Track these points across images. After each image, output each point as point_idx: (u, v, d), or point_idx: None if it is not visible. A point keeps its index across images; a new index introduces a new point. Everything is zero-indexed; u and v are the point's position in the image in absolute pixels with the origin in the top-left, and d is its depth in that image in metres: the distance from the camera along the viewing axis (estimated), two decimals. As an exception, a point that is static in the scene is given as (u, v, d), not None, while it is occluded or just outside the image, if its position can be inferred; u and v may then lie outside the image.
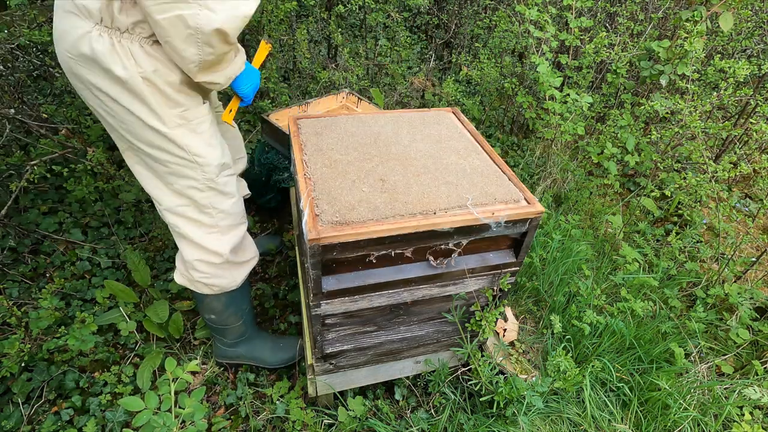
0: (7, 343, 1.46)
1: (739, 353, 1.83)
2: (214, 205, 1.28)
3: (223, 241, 1.33)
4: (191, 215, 1.28)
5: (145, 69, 1.04)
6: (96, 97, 1.09)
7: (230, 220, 1.33)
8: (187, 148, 1.17)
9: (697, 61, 2.06)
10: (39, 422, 1.45)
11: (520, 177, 2.53)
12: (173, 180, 1.22)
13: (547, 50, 2.16)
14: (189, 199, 1.25)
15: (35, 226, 1.95)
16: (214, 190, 1.26)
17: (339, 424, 1.49)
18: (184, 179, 1.22)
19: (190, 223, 1.29)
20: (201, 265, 1.34)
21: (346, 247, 1.02)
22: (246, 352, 1.62)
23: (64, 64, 1.07)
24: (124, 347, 1.70)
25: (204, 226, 1.30)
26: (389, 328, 1.32)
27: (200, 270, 1.34)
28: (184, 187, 1.23)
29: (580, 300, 1.77)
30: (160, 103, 1.09)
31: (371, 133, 1.37)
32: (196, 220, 1.28)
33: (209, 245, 1.31)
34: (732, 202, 2.58)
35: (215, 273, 1.36)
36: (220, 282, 1.38)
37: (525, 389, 1.36)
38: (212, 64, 1.05)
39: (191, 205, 1.26)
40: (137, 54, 1.03)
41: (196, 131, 1.18)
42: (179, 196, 1.25)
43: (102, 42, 1.00)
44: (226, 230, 1.33)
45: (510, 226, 1.13)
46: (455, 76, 3.40)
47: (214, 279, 1.37)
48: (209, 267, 1.34)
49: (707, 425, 1.50)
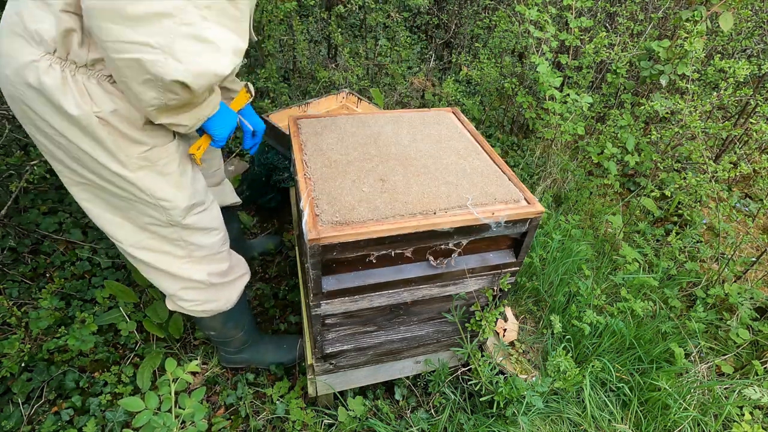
0: (7, 343, 1.46)
1: (739, 353, 1.83)
2: (183, 238, 1.16)
3: (199, 269, 1.23)
4: (159, 248, 1.16)
5: (102, 109, 0.92)
6: (41, 130, 0.96)
7: (205, 252, 1.22)
8: (149, 191, 1.04)
9: (697, 61, 2.06)
10: (39, 422, 1.45)
11: (520, 177, 2.53)
12: (134, 215, 1.10)
13: (547, 50, 2.16)
14: (153, 233, 1.14)
15: (35, 226, 1.95)
16: (182, 227, 1.14)
17: (339, 424, 1.49)
18: (147, 216, 1.10)
19: (160, 255, 1.17)
20: (186, 293, 1.25)
21: (346, 247, 1.02)
22: (250, 357, 1.62)
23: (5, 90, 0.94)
24: (124, 347, 1.70)
25: (176, 257, 1.19)
26: (389, 328, 1.32)
27: (187, 299, 1.26)
28: (147, 223, 1.11)
29: (580, 300, 1.77)
30: (118, 145, 0.96)
31: (371, 133, 1.37)
32: (167, 252, 1.17)
33: (186, 274, 1.21)
34: (732, 202, 2.58)
35: (205, 298, 1.28)
36: (213, 306, 1.31)
37: (525, 389, 1.36)
38: (176, 108, 0.93)
39: (156, 238, 1.15)
40: (94, 92, 0.91)
41: (162, 173, 1.04)
42: (142, 230, 1.13)
43: (52, 75, 0.88)
44: (201, 259, 1.23)
45: (510, 226, 1.13)
46: (455, 76, 3.40)
47: (206, 304, 1.30)
48: (195, 293, 1.26)
49: (707, 425, 1.50)
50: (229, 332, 1.48)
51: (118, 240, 1.14)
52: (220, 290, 1.31)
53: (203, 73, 0.85)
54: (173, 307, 1.32)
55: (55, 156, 1.02)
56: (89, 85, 0.91)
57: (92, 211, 1.10)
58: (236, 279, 1.37)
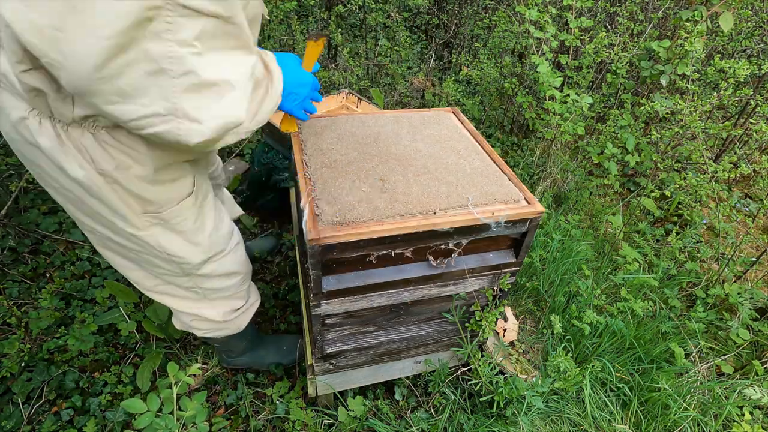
0: (7, 343, 1.46)
1: (739, 353, 1.83)
2: (199, 285, 1.14)
3: (215, 310, 1.23)
4: (175, 293, 1.16)
5: (104, 167, 0.82)
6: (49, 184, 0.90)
7: (222, 294, 1.22)
8: (162, 249, 0.99)
9: (697, 61, 2.06)
10: (39, 422, 1.45)
11: (520, 177, 2.53)
12: (148, 266, 1.07)
13: (547, 50, 2.16)
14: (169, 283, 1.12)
15: (35, 226, 1.95)
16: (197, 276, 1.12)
17: (339, 424, 1.49)
18: (160, 268, 1.07)
19: (176, 299, 1.17)
20: (198, 324, 1.26)
21: (346, 247, 1.02)
22: (251, 359, 1.62)
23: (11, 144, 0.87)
24: (124, 347, 1.70)
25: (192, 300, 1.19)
26: (389, 328, 1.32)
27: (200, 328, 1.27)
28: (161, 273, 1.09)
29: (580, 300, 1.77)
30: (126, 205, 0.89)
31: (371, 133, 1.37)
32: (182, 297, 1.17)
33: (201, 314, 1.22)
34: (732, 202, 2.59)
35: (217, 328, 1.30)
36: (222, 333, 1.34)
37: (525, 389, 1.36)
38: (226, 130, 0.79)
39: (171, 286, 1.13)
40: (91, 149, 0.81)
41: (175, 230, 0.99)
42: (156, 277, 1.11)
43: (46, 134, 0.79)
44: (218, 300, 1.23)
45: (510, 226, 1.13)
46: (455, 76, 3.40)
47: (217, 333, 1.32)
48: (208, 325, 1.27)
49: (707, 425, 1.50)
50: (232, 344, 1.50)
51: (134, 282, 1.13)
52: (232, 321, 1.33)
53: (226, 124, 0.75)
54: (181, 327, 1.33)
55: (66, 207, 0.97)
56: (85, 143, 0.81)
57: (106, 254, 1.07)
58: (248, 308, 1.38)
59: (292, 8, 2.58)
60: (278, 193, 2.19)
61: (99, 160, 0.82)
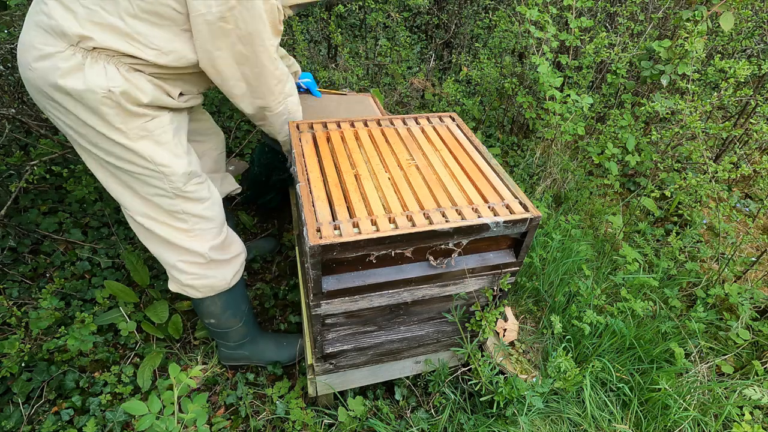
0: (7, 343, 1.46)
1: (739, 353, 1.83)
2: (185, 210, 1.25)
3: (201, 241, 1.30)
4: (163, 219, 1.24)
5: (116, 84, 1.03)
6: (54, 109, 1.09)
7: (205, 224, 1.30)
8: (151, 158, 1.14)
9: (697, 61, 2.06)
10: (39, 422, 1.45)
11: (520, 177, 2.53)
12: (138, 187, 1.19)
13: (548, 50, 2.16)
14: (157, 205, 1.22)
15: (35, 226, 1.95)
16: (183, 197, 1.23)
17: (339, 424, 1.49)
18: (151, 187, 1.19)
19: (163, 226, 1.25)
20: (185, 266, 1.31)
21: (346, 247, 1.02)
22: (250, 353, 1.62)
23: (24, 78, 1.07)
24: (124, 347, 1.70)
25: (178, 229, 1.26)
26: (389, 328, 1.32)
27: (186, 271, 1.32)
28: (151, 194, 1.20)
29: (580, 300, 1.77)
30: (119, 117, 1.07)
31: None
32: (169, 224, 1.25)
33: (187, 246, 1.28)
34: (732, 202, 2.58)
35: (203, 273, 1.34)
36: (210, 282, 1.36)
37: (525, 389, 1.36)
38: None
39: (160, 210, 1.23)
40: (111, 73, 1.03)
41: (158, 142, 1.15)
42: (147, 202, 1.22)
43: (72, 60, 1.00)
44: (203, 233, 1.30)
45: (510, 226, 1.13)
46: (455, 76, 3.40)
47: (203, 279, 1.35)
48: (194, 267, 1.32)
49: (707, 425, 1.50)
50: (228, 321, 1.50)
51: (127, 207, 1.24)
52: (217, 267, 1.36)
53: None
54: (174, 287, 1.37)
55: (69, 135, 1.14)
56: (108, 67, 1.02)
57: (104, 182, 1.22)
58: (233, 258, 1.41)
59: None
60: (278, 193, 2.19)
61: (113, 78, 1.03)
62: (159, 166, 1.15)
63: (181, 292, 1.38)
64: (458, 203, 1.14)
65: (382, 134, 1.37)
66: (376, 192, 1.14)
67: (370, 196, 1.12)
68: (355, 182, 1.17)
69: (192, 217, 1.26)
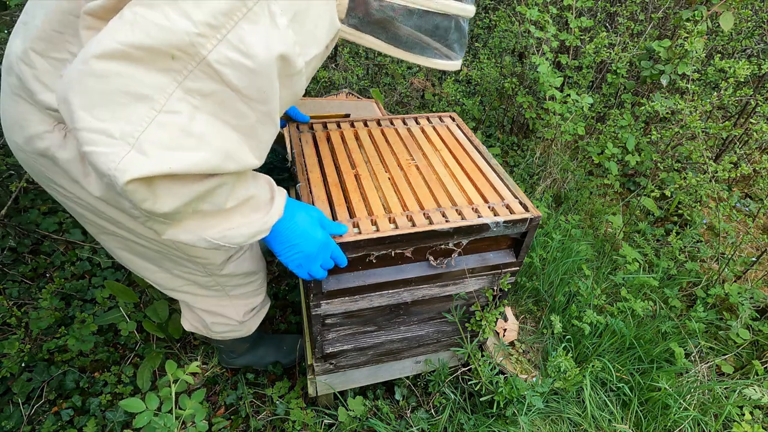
0: (7, 343, 1.46)
1: (739, 353, 1.83)
2: (221, 284, 1.15)
3: (238, 307, 1.25)
4: (198, 292, 1.17)
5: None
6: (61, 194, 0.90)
7: (243, 290, 1.23)
8: (184, 250, 1.00)
9: (697, 60, 2.06)
10: (39, 422, 1.45)
11: (520, 177, 2.53)
12: (170, 266, 1.07)
13: (548, 50, 2.16)
14: (191, 282, 1.13)
15: (35, 226, 1.95)
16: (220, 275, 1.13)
17: (339, 424, 1.49)
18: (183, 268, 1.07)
19: (199, 298, 1.18)
20: (218, 326, 1.28)
21: (346, 247, 1.02)
22: (251, 359, 1.62)
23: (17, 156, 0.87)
24: (124, 347, 1.70)
25: (214, 298, 1.20)
26: (389, 328, 1.32)
27: (217, 331, 1.29)
28: (184, 272, 1.09)
29: (580, 300, 1.77)
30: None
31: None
32: (204, 296, 1.18)
33: (224, 312, 1.24)
34: (732, 202, 2.58)
35: (232, 329, 1.32)
36: (235, 335, 1.35)
37: (525, 389, 1.36)
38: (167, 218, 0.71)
39: (194, 285, 1.14)
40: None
41: None
42: (179, 278, 1.12)
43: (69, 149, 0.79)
44: (240, 298, 1.24)
45: (510, 226, 1.13)
46: (455, 76, 3.40)
47: (230, 334, 1.33)
48: (225, 327, 1.29)
49: (707, 425, 1.50)
50: (237, 344, 1.50)
51: (156, 283, 1.13)
52: (246, 323, 1.34)
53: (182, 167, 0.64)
54: (190, 328, 1.33)
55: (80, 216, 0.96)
56: None
57: (126, 257, 1.06)
58: (260, 310, 1.39)
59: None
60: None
61: None
62: (193, 257, 1.03)
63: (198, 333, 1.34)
64: (458, 203, 1.14)
65: (382, 134, 1.37)
66: (376, 192, 1.14)
67: (370, 196, 1.12)
68: (355, 182, 1.16)
69: (228, 287, 1.18)
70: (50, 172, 0.85)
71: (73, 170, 0.82)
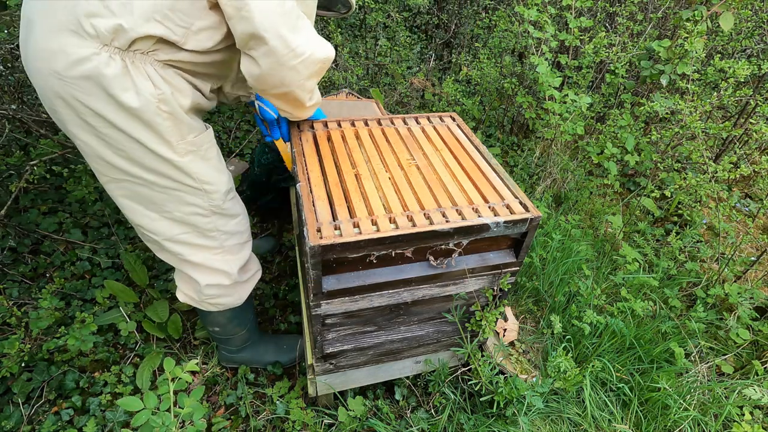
0: (7, 343, 1.46)
1: (739, 353, 1.83)
2: (218, 228, 1.23)
3: (230, 261, 1.29)
4: (195, 241, 1.22)
5: (164, 91, 0.98)
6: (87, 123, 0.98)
7: (236, 239, 1.29)
8: (196, 176, 1.11)
9: (697, 60, 2.06)
10: (39, 422, 1.45)
11: (520, 177, 2.54)
12: (173, 207, 1.14)
13: (547, 50, 2.16)
14: (190, 225, 1.19)
15: (35, 226, 1.95)
16: (219, 214, 1.21)
17: (339, 424, 1.49)
18: (187, 206, 1.15)
19: (195, 248, 1.23)
20: (210, 289, 1.31)
21: (347, 248, 1.02)
22: (250, 356, 1.62)
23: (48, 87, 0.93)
24: (124, 347, 1.70)
25: (209, 249, 1.25)
26: (389, 328, 1.32)
27: (208, 293, 1.31)
28: (186, 214, 1.16)
29: (580, 300, 1.77)
30: (173, 131, 1.03)
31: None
32: (200, 245, 1.23)
33: (217, 266, 1.27)
34: (732, 202, 2.58)
35: (223, 293, 1.34)
36: (226, 300, 1.36)
37: (525, 389, 1.36)
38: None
39: (193, 232, 1.20)
40: (154, 76, 0.97)
41: (204, 158, 1.12)
42: (179, 224, 1.18)
43: (113, 66, 0.91)
44: (233, 250, 1.29)
45: (510, 226, 1.13)
46: (455, 76, 3.40)
47: (221, 299, 1.35)
48: (217, 289, 1.32)
49: (707, 425, 1.50)
50: (232, 329, 1.50)
51: (154, 233, 1.18)
52: (236, 287, 1.36)
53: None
54: (184, 299, 1.36)
55: (97, 153, 1.03)
56: (148, 71, 0.95)
57: (129, 206, 1.14)
58: (251, 277, 1.41)
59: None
60: (278, 193, 2.18)
61: (160, 85, 0.97)
62: (203, 183, 1.13)
63: (191, 304, 1.37)
64: (458, 203, 1.14)
65: (383, 134, 1.37)
66: (376, 192, 1.14)
67: (371, 196, 1.12)
68: (355, 182, 1.16)
69: (223, 234, 1.24)
70: (87, 94, 0.93)
71: (115, 85, 0.92)
